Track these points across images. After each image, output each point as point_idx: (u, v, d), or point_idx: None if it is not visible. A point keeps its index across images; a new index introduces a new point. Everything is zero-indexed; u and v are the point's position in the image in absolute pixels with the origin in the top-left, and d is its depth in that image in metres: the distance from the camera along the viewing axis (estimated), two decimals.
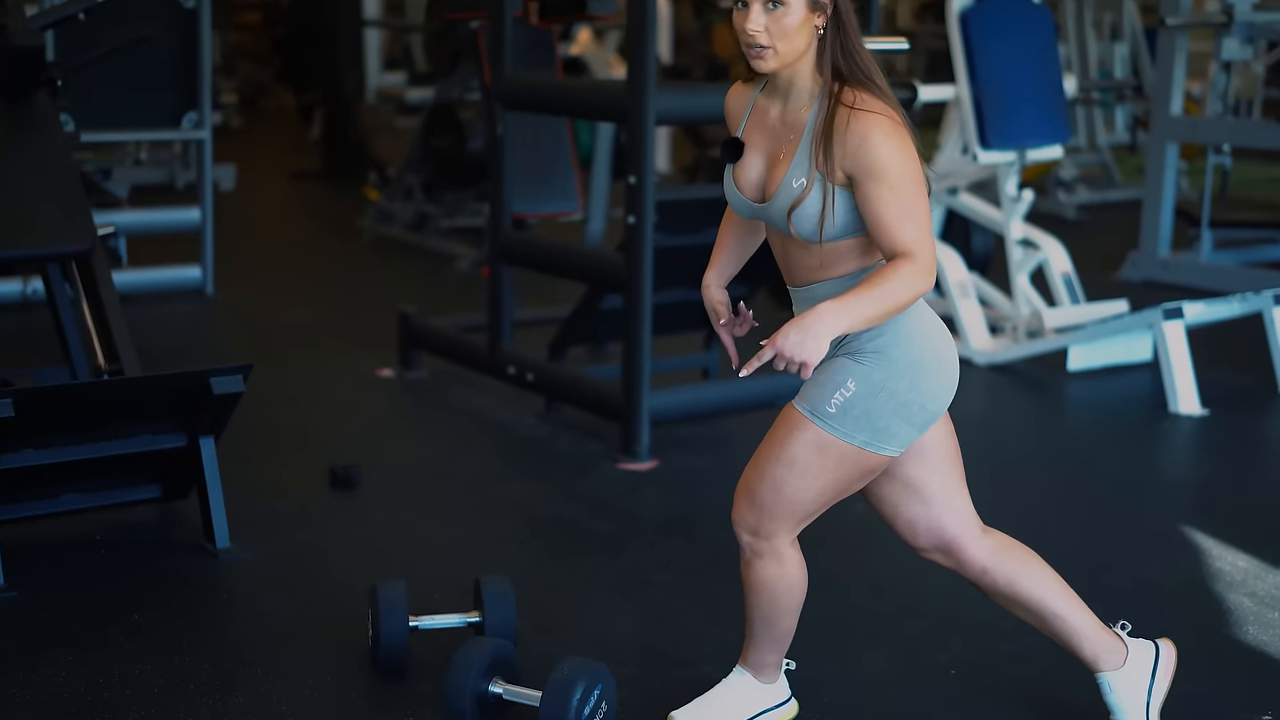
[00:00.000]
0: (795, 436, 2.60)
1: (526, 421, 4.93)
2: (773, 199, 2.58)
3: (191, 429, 3.73)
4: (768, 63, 2.52)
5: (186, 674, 3.06)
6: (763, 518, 2.65)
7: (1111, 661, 2.73)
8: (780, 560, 2.68)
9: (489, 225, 5.10)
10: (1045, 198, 9.33)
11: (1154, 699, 2.72)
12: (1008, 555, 2.75)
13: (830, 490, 2.62)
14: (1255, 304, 5.50)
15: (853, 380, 2.56)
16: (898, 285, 2.45)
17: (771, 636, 2.77)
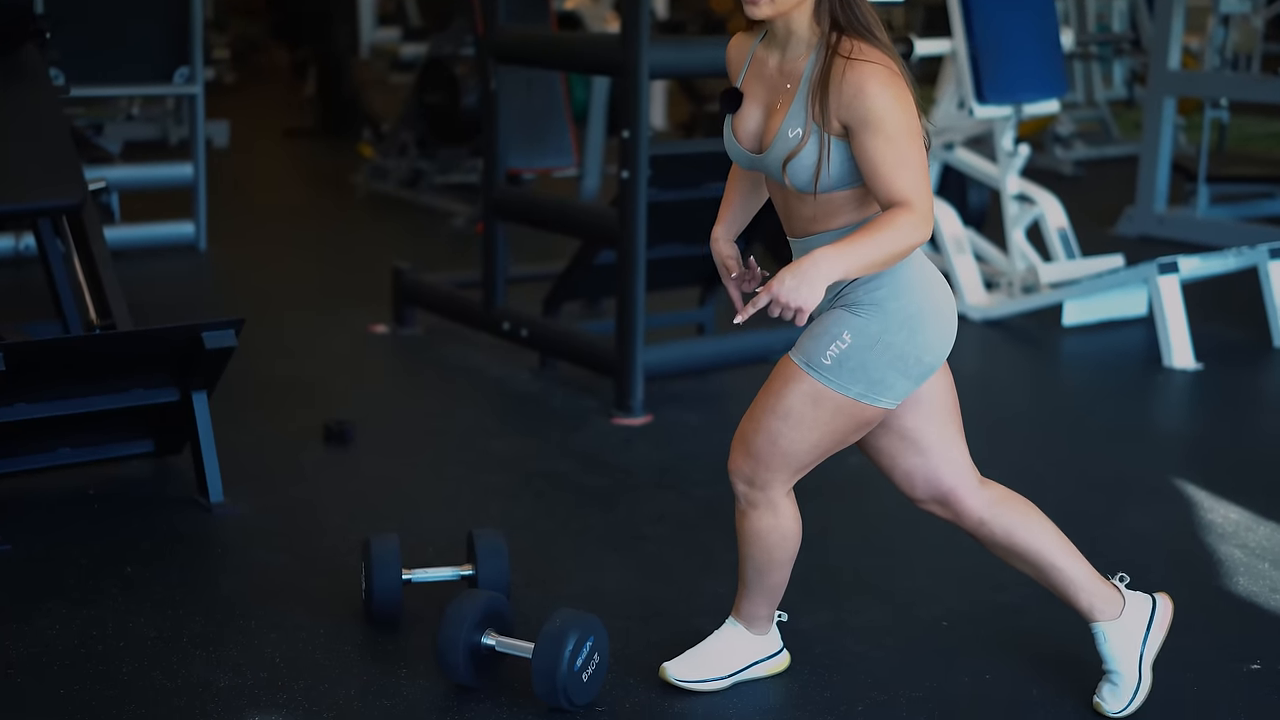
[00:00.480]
0: (791, 388, 2.60)
1: (520, 377, 4.93)
2: (769, 149, 2.57)
3: (184, 384, 3.72)
4: (761, 9, 2.51)
5: (179, 627, 3.07)
6: (759, 468, 2.65)
7: (1108, 612, 2.74)
8: (775, 511, 2.68)
9: (483, 181, 5.07)
10: (1042, 153, 9.30)
11: (1147, 651, 2.73)
12: (1005, 506, 2.75)
13: (826, 442, 2.62)
14: (1250, 258, 5.49)
15: (848, 332, 2.56)
16: (894, 233, 2.43)
17: (764, 588, 2.78)
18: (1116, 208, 7.62)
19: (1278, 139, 10.07)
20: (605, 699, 2.76)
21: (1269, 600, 3.24)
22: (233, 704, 2.75)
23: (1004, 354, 5.42)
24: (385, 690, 2.81)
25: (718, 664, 2.81)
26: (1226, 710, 2.76)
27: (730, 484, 2.71)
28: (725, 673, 2.81)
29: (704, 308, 5.26)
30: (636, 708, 2.75)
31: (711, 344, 4.99)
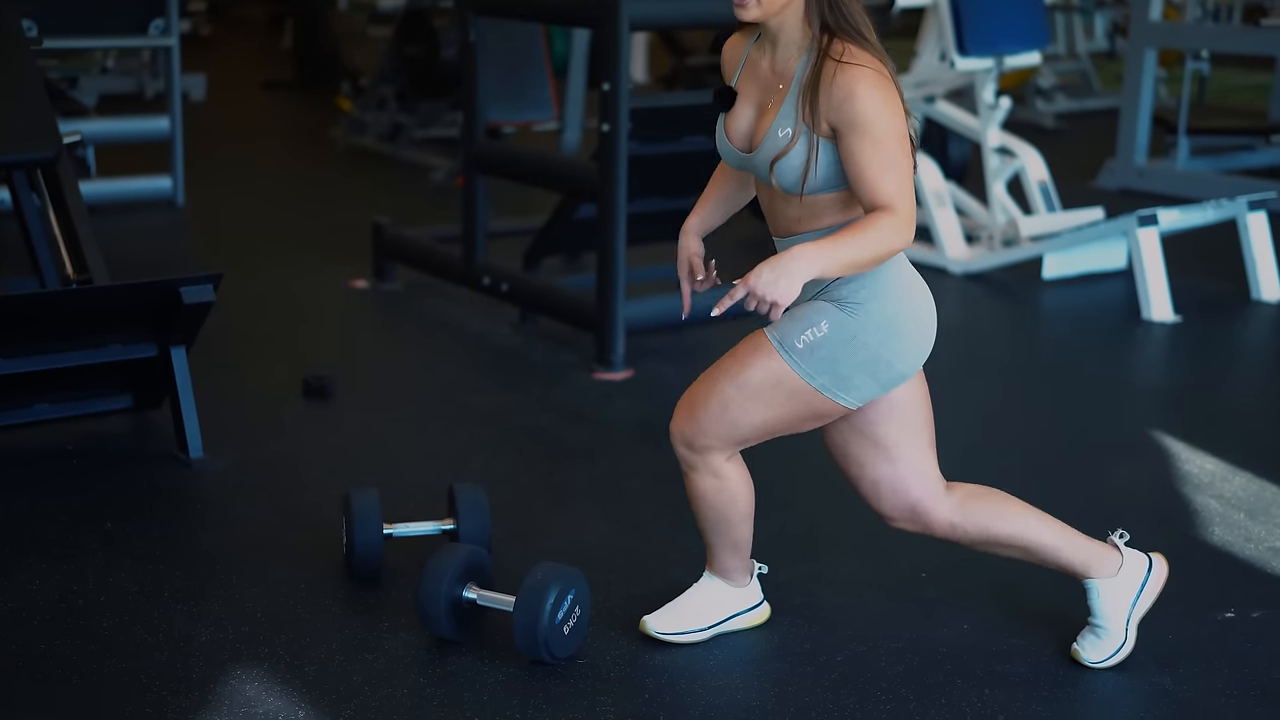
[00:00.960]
0: (757, 361, 2.61)
1: (501, 332, 4.92)
2: (759, 148, 2.59)
3: (162, 339, 3.70)
4: (749, 11, 2.53)
5: (160, 581, 3.07)
6: (699, 432, 2.65)
7: (1105, 569, 2.74)
8: (717, 474, 2.69)
9: (462, 134, 5.04)
10: (1024, 106, 9.29)
11: (1136, 610, 2.75)
12: (973, 505, 2.74)
13: (775, 424, 2.64)
14: (1230, 210, 5.50)
15: (827, 323, 2.57)
16: (875, 235, 2.44)
17: (725, 544, 2.79)
18: (1097, 160, 7.61)
19: (1258, 91, 10.06)
20: (586, 651, 2.78)
21: (1243, 549, 3.27)
22: (214, 658, 2.76)
23: (984, 307, 5.43)
24: (367, 644, 2.82)
25: (697, 616, 2.83)
26: (1201, 659, 2.79)
27: None
28: (705, 625, 2.83)
29: None
30: (618, 660, 2.76)
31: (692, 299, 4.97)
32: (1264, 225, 5.46)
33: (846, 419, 2.69)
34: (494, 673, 2.72)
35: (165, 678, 2.69)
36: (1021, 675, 2.72)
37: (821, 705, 2.62)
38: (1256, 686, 2.68)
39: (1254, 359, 5.05)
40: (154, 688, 2.66)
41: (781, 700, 2.65)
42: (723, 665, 2.76)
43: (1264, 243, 5.45)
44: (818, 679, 2.71)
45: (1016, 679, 2.71)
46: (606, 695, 2.64)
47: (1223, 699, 2.64)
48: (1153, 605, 2.77)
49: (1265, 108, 8.69)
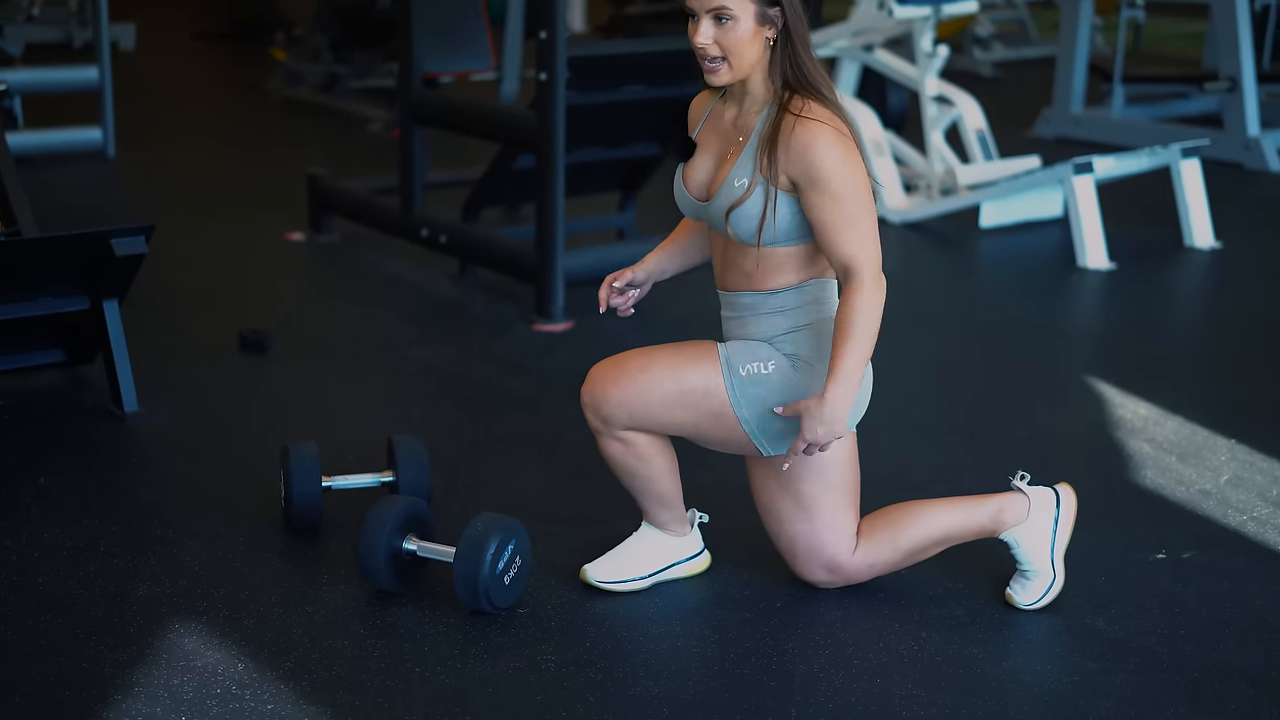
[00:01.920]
0: (700, 367, 2.64)
1: (440, 284, 4.89)
2: (714, 197, 2.62)
3: (95, 291, 3.65)
4: (720, 76, 2.58)
5: (96, 536, 3.04)
6: (612, 405, 2.67)
7: (1014, 518, 2.78)
8: (622, 441, 2.72)
9: (399, 85, 4.99)
10: (961, 55, 9.31)
11: (1058, 545, 2.79)
12: (879, 540, 2.77)
13: (686, 428, 2.68)
14: (1163, 158, 5.55)
15: (774, 364, 2.62)
16: (863, 315, 2.52)
17: (649, 499, 2.81)
18: (1034, 109, 7.66)
19: (1192, 39, 10.15)
20: (527, 601, 2.78)
21: (1174, 492, 3.32)
22: (152, 612, 2.74)
23: (922, 256, 5.46)
24: (307, 597, 2.81)
25: (637, 565, 2.84)
26: (1133, 600, 2.83)
27: None
28: (644, 573, 2.84)
29: (624, 212, 5.24)
30: (559, 609, 2.77)
31: (632, 249, 4.96)
32: (1197, 172, 5.52)
33: (773, 474, 2.74)
34: (435, 623, 2.72)
35: (102, 632, 2.67)
36: (957, 618, 2.76)
37: (761, 651, 2.64)
38: (1187, 626, 2.73)
39: (1186, 305, 5.11)
40: (91, 642, 2.64)
41: (721, 646, 2.67)
42: (663, 613, 2.78)
43: (1197, 190, 5.51)
44: (757, 625, 2.73)
45: (952, 622, 2.75)
46: (547, 644, 2.65)
47: (1154, 639, 2.69)
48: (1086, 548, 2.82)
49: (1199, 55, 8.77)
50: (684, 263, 2.91)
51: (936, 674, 2.57)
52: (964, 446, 3.60)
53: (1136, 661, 2.61)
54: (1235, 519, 3.18)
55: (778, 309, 2.65)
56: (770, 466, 2.73)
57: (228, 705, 2.44)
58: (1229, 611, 2.79)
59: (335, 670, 2.56)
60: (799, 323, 2.65)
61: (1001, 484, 3.37)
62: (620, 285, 2.85)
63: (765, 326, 2.66)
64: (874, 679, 2.56)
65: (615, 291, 2.85)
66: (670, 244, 2.90)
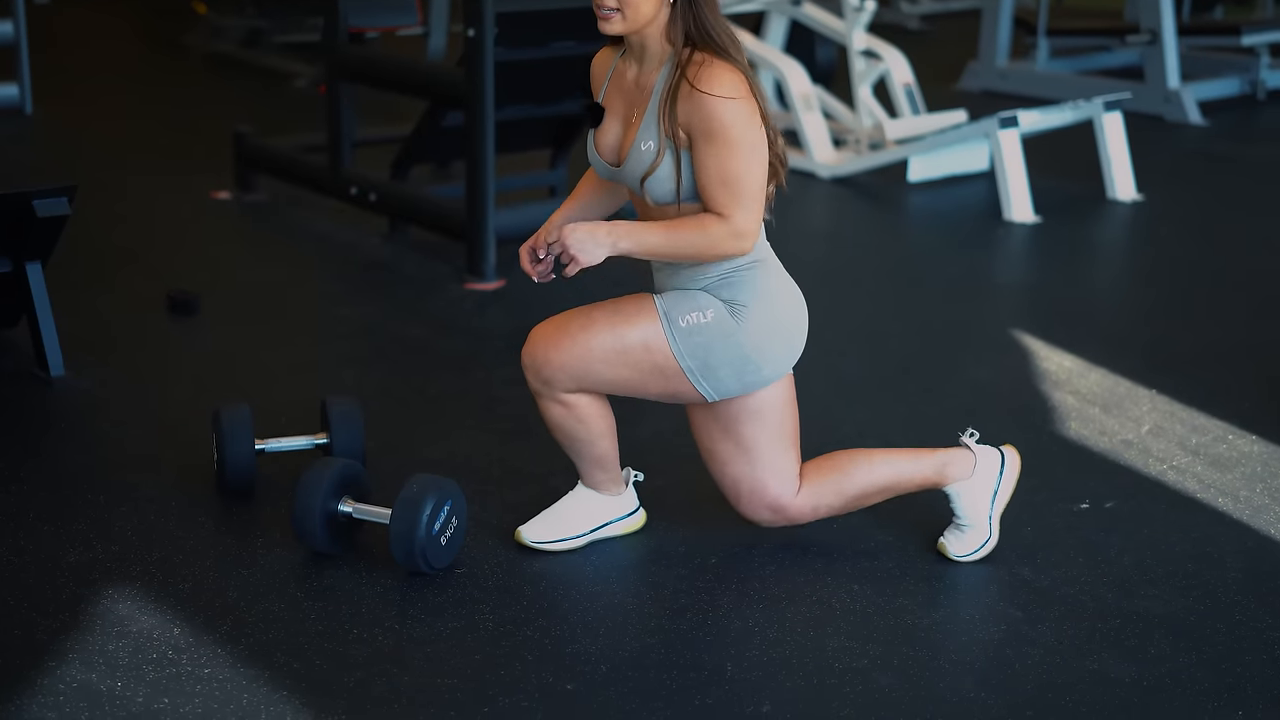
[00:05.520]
0: (640, 323, 2.65)
1: (370, 242, 4.86)
2: (625, 162, 2.63)
3: (16, 253, 3.59)
4: (613, 25, 2.56)
5: (25, 503, 3.01)
6: (553, 368, 2.68)
7: (959, 473, 2.82)
8: (564, 403, 2.73)
9: (324, 41, 4.93)
10: (888, 7, 9.34)
11: (997, 504, 2.84)
12: (822, 485, 2.80)
13: (629, 385, 2.69)
14: (1087, 111, 5.62)
15: (713, 312, 2.63)
16: (697, 234, 2.54)
17: (586, 461, 2.83)
18: (960, 62, 7.71)
19: None
20: (464, 561, 2.80)
21: (1097, 443, 3.39)
22: (85, 578, 2.73)
23: (850, 210, 5.50)
24: (242, 560, 2.81)
25: (571, 524, 2.86)
26: (1058, 549, 2.90)
27: None
28: (580, 532, 2.86)
29: (555, 170, 5.22)
30: (495, 569, 2.79)
31: None
32: (1119, 125, 5.60)
33: (714, 417, 2.75)
34: (371, 585, 2.73)
35: (33, 599, 2.65)
36: (888, 570, 2.81)
37: (697, 606, 2.68)
38: (1110, 574, 2.80)
39: (1109, 258, 5.20)
40: (22, 609, 2.62)
41: (658, 602, 2.70)
42: (599, 571, 2.81)
43: (1119, 143, 5.59)
44: (693, 580, 2.77)
45: (883, 574, 2.80)
46: (484, 604, 2.67)
47: (1078, 587, 2.76)
48: (1013, 497, 2.87)
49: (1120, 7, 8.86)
50: (593, 216, 2.88)
51: (869, 626, 2.62)
52: (892, 400, 3.65)
53: (1061, 609, 2.68)
54: (1156, 468, 3.26)
55: None
56: (711, 410, 2.75)
57: (164, 670, 2.44)
58: (1149, 559, 2.86)
59: (272, 633, 2.56)
60: (729, 267, 2.65)
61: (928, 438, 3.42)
62: (542, 254, 2.82)
63: (697, 273, 2.66)
64: (807, 631, 2.60)
65: (535, 259, 2.83)
66: (577, 199, 2.88)
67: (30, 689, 2.38)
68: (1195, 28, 7.55)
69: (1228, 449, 3.35)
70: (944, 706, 2.38)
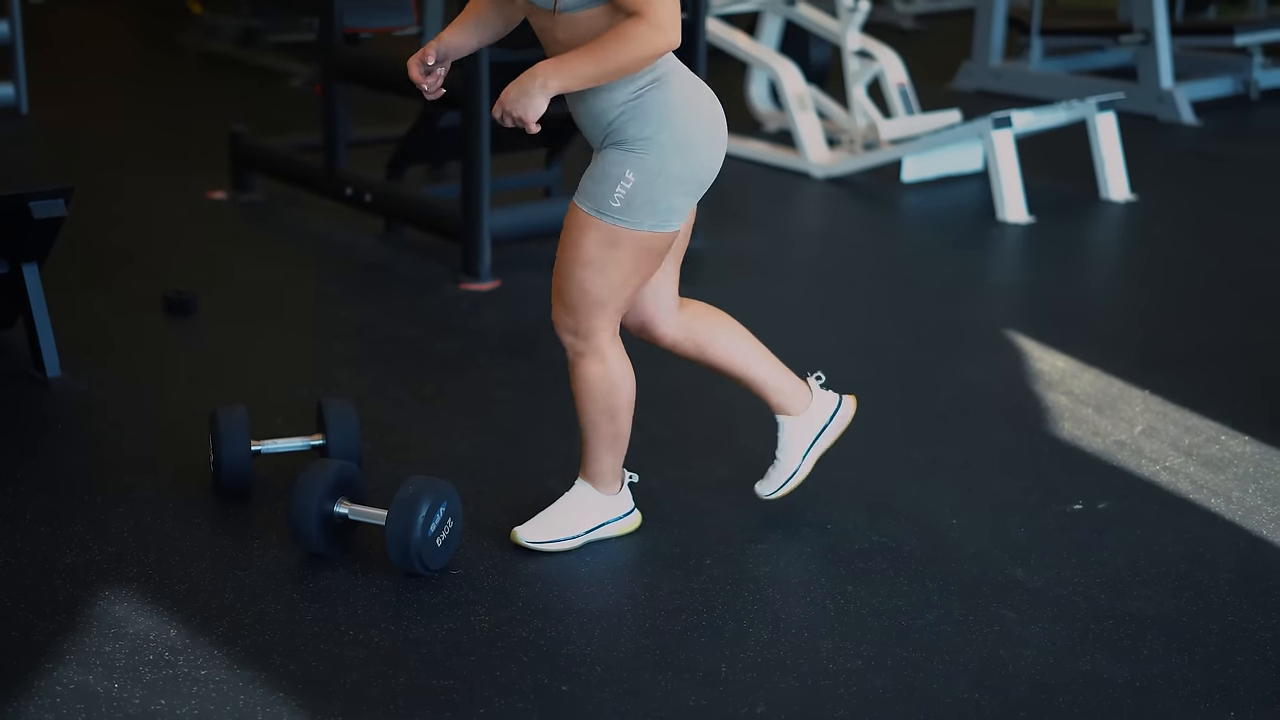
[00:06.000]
0: (586, 237, 2.67)
1: (366, 243, 4.87)
2: None
3: (13, 255, 3.60)
4: None
5: (22, 504, 3.02)
6: (579, 317, 2.73)
7: (792, 405, 2.95)
8: (602, 359, 2.76)
9: (319, 41, 4.94)
10: (882, 6, 9.35)
11: (816, 446, 2.97)
12: (695, 328, 2.90)
13: (633, 278, 2.72)
14: (1080, 111, 5.64)
15: (630, 171, 2.64)
16: (622, 43, 2.52)
17: (603, 438, 2.83)
18: (954, 61, 7.72)
19: None
20: (459, 563, 2.81)
21: (1090, 443, 3.41)
22: (81, 579, 2.73)
23: (845, 211, 5.52)
24: (238, 561, 2.82)
25: (567, 525, 2.87)
26: (1051, 550, 2.91)
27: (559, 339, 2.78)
28: (575, 533, 2.87)
29: (550, 169, 5.23)
30: (491, 570, 2.80)
31: (558, 206, 4.96)
32: (1112, 126, 5.62)
33: None
34: (367, 586, 2.74)
35: (30, 600, 2.66)
36: (881, 571, 2.82)
37: (691, 607, 2.69)
38: (1102, 575, 2.82)
39: (1103, 258, 5.21)
40: (19, 611, 2.63)
41: (653, 604, 2.72)
42: (594, 572, 2.82)
43: (1112, 143, 5.61)
44: (687, 582, 2.78)
45: (877, 575, 2.81)
46: (480, 605, 2.68)
47: (1071, 588, 2.77)
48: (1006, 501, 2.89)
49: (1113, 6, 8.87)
50: (481, 37, 2.88)
51: (862, 627, 2.63)
52: (886, 400, 3.66)
53: (1054, 611, 2.69)
54: (1149, 469, 3.27)
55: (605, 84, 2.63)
56: None
57: (161, 671, 2.45)
58: (1142, 560, 2.88)
59: (269, 635, 2.57)
60: (632, 90, 2.62)
61: (923, 437, 3.44)
62: (431, 62, 2.81)
63: (607, 106, 2.64)
64: (802, 633, 2.61)
65: (425, 72, 2.83)
66: (466, 17, 2.87)
67: (27, 691, 2.39)
68: (1188, 27, 7.56)
69: (1220, 450, 3.37)
70: (938, 707, 2.40)
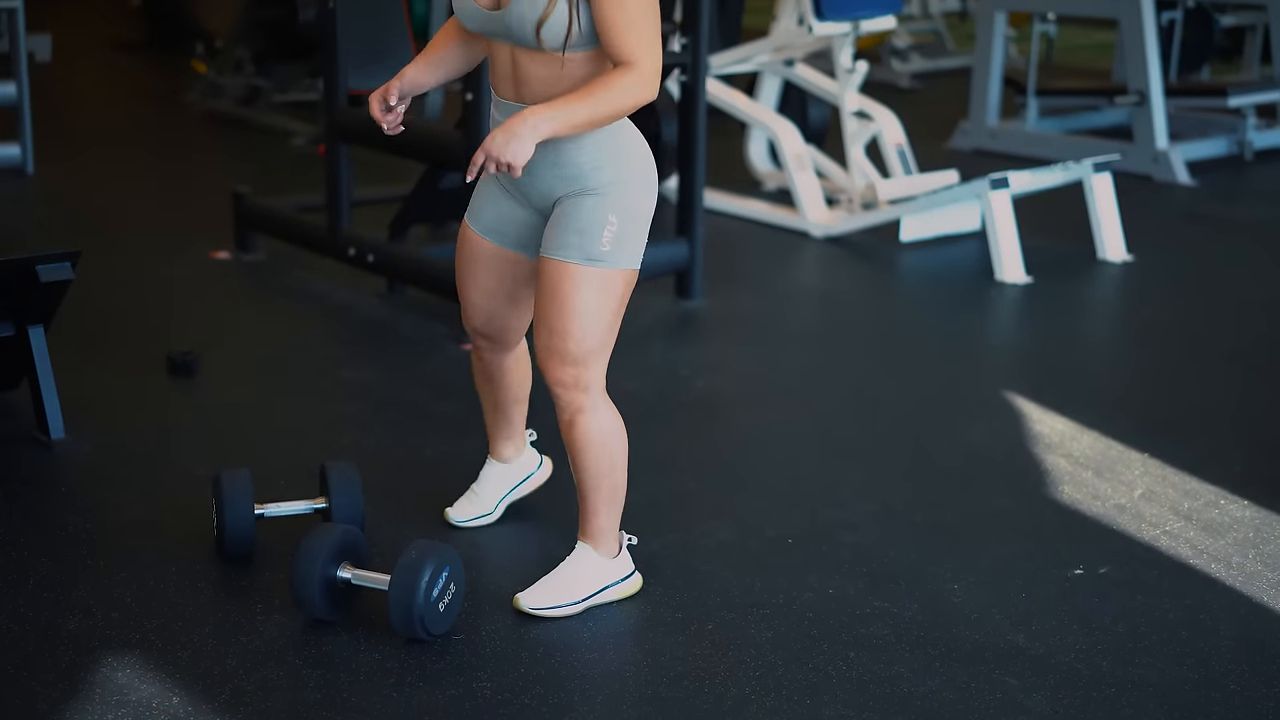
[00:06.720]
0: (581, 288, 2.72)
1: (368, 303, 4.90)
2: (508, 8, 2.61)
3: (19, 317, 3.62)
4: None
5: (25, 569, 3.02)
6: (579, 370, 2.76)
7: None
8: (600, 408, 2.81)
9: (323, 102, 4.98)
10: (880, 65, 9.44)
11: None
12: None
13: (618, 318, 2.79)
14: (1076, 173, 5.69)
15: (613, 215, 2.70)
16: (611, 92, 2.56)
17: (602, 494, 2.85)
18: (951, 120, 7.79)
19: (1101, 49, 10.36)
20: (462, 628, 2.81)
21: (1090, 507, 3.42)
22: (84, 645, 2.74)
23: (844, 270, 5.55)
24: (241, 626, 2.82)
25: (570, 590, 2.88)
26: (1053, 616, 2.92)
27: (552, 396, 2.80)
28: (578, 598, 2.88)
29: None
30: (493, 635, 2.80)
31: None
32: (1108, 187, 5.66)
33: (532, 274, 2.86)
34: (370, 652, 2.74)
35: (34, 667, 2.66)
36: (883, 637, 2.83)
37: (694, 674, 2.69)
38: (1104, 642, 2.82)
39: (1100, 319, 5.24)
40: (22, 677, 2.63)
41: (655, 670, 2.72)
42: (596, 637, 2.82)
43: (1108, 204, 5.65)
44: (689, 647, 2.78)
45: (878, 641, 2.81)
46: (482, 671, 2.68)
47: (1073, 655, 2.77)
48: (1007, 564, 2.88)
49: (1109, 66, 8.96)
50: (445, 73, 2.90)
51: (864, 693, 2.64)
52: (886, 462, 3.67)
53: (1056, 679, 2.69)
54: (1149, 533, 3.28)
55: None
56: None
57: None
58: (1144, 627, 2.88)
59: (271, 702, 2.57)
60: (598, 141, 2.66)
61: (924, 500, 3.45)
62: (392, 101, 2.84)
63: (575, 153, 2.66)
64: (804, 699, 2.62)
65: (386, 109, 2.85)
66: (430, 54, 2.89)
67: None
68: (1182, 89, 7.63)
69: (1220, 514, 3.38)
70: None
